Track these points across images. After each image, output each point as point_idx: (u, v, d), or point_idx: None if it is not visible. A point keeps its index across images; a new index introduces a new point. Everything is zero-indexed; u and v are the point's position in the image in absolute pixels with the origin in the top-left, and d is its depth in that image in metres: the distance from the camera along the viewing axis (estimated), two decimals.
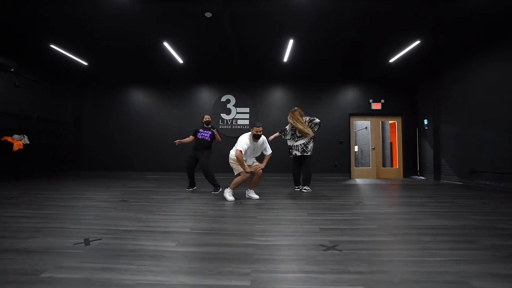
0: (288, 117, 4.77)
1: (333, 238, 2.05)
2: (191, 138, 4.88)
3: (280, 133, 4.89)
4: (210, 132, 4.79)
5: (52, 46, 5.94)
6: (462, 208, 3.26)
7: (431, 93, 7.19)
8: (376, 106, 7.96)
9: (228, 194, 3.79)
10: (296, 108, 4.84)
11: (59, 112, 7.72)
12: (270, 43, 6.01)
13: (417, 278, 1.42)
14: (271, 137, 4.72)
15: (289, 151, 4.81)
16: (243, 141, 3.76)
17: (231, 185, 3.83)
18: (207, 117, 4.88)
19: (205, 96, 8.09)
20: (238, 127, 7.90)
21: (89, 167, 8.08)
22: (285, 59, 6.68)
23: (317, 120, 4.73)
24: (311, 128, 4.64)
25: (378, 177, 7.93)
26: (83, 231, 2.17)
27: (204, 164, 4.55)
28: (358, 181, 6.96)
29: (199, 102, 8.07)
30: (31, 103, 6.86)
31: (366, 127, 11.51)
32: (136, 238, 2.01)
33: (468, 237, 2.11)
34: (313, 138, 4.69)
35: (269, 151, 3.95)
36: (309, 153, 4.63)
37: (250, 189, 4.00)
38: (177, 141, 4.86)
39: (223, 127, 7.89)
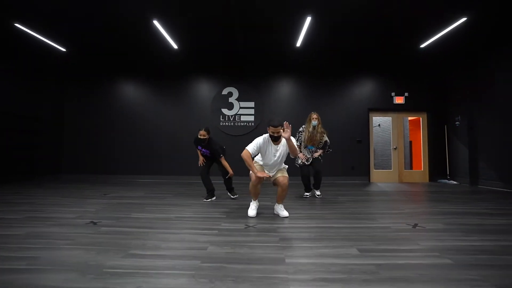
0: (316, 122, 4.19)
1: None
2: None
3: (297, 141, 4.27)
4: (208, 152, 4.02)
5: (17, 25, 4.92)
6: None
7: (467, 84, 6.21)
8: (399, 100, 6.98)
9: (250, 208, 3.06)
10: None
11: (36, 107, 6.68)
12: (282, 23, 5.02)
13: None
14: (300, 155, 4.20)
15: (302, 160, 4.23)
16: (255, 141, 2.94)
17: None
18: (202, 134, 3.85)
19: (204, 88, 7.08)
20: (242, 124, 6.91)
21: (72, 170, 7.08)
22: (299, 43, 5.68)
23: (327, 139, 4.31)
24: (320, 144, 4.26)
25: (400, 181, 6.98)
26: None
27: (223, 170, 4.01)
28: (381, 186, 6.00)
29: (197, 95, 7.06)
30: (4, 97, 5.84)
31: (379, 124, 10.58)
32: None
33: None
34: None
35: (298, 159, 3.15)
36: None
37: (278, 203, 3.06)
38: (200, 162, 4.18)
39: (224, 124, 6.90)
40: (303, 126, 4.29)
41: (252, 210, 3.01)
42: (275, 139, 2.87)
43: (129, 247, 1.96)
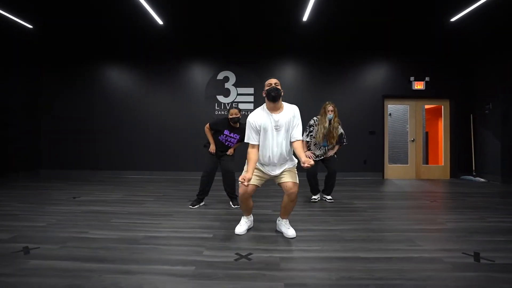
0: (333, 114, 3.40)
1: None
2: (210, 134, 3.27)
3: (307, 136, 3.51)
4: (238, 137, 3.20)
5: None
6: None
7: (503, 66, 5.32)
8: (419, 85, 6.11)
9: (239, 224, 2.33)
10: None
11: (5, 96, 5.88)
12: None
13: None
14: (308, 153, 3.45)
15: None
16: (247, 124, 2.23)
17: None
18: (234, 113, 3.14)
19: (196, 73, 6.23)
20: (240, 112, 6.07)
21: (53, 165, 6.34)
22: (305, 17, 4.79)
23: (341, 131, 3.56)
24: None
25: (418, 178, 6.21)
26: None
27: (227, 162, 3.22)
28: (399, 184, 5.24)
29: (188, 81, 6.22)
30: None
31: (390, 114, 9.72)
32: None
33: None
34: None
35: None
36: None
37: (282, 218, 2.29)
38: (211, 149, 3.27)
39: (220, 112, 6.09)
40: (315, 118, 3.48)
41: (240, 227, 2.29)
42: (273, 98, 2.09)
43: None
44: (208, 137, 3.27)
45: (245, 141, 2.21)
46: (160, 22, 4.99)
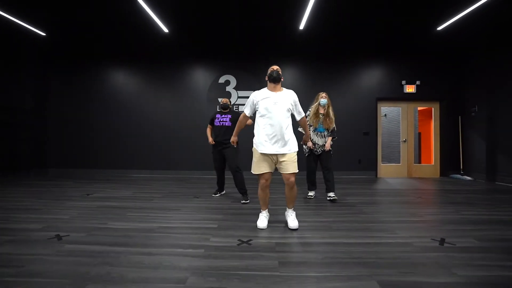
0: (326, 99, 3.60)
1: None
2: (209, 128, 3.95)
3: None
4: (229, 116, 3.67)
5: None
6: None
7: (487, 71, 5.65)
8: (410, 88, 6.44)
9: (260, 220, 2.58)
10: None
11: (16, 97, 6.20)
12: (284, 1, 4.44)
13: None
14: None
15: (310, 148, 3.66)
16: (248, 100, 2.59)
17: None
18: (224, 100, 3.88)
19: (199, 77, 6.55)
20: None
21: (60, 164, 6.67)
22: (302, 25, 5.11)
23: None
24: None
25: (409, 176, 6.54)
26: None
27: (230, 159, 3.58)
28: (391, 182, 5.57)
29: (191, 84, 6.54)
30: None
31: (385, 114, 10.04)
32: None
33: None
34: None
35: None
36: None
37: (288, 207, 2.60)
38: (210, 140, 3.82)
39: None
40: (309, 110, 3.66)
41: (262, 222, 2.53)
42: (275, 79, 2.48)
43: (89, 278, 1.55)
44: (208, 135, 3.85)
45: (243, 109, 2.61)
46: (166, 30, 5.30)
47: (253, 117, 2.68)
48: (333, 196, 3.62)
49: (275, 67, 2.54)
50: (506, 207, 3.37)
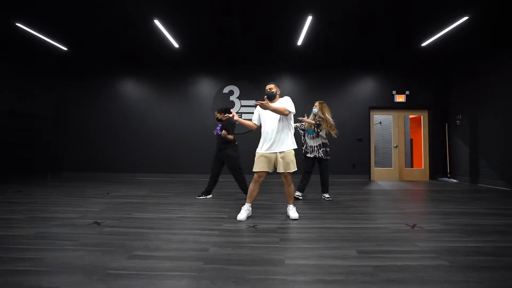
0: (317, 109, 4.07)
1: None
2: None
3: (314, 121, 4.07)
4: (220, 125, 4.09)
5: (18, 25, 4.93)
6: None
7: (470, 82, 6.19)
8: (400, 98, 6.98)
9: (240, 213, 2.92)
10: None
11: (35, 105, 6.71)
12: (283, 21, 4.99)
13: None
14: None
15: (306, 151, 4.10)
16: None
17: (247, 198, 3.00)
18: (216, 114, 4.19)
19: (205, 87, 7.09)
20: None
21: (73, 168, 7.13)
22: (300, 41, 5.66)
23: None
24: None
25: (401, 179, 7.01)
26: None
27: (230, 164, 4.00)
28: (382, 184, 6.03)
29: (198, 94, 7.08)
30: (3, 95, 5.87)
31: (380, 122, 10.56)
32: None
33: None
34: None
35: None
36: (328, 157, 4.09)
37: (288, 204, 3.04)
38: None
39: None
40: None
41: (241, 215, 2.86)
42: (269, 97, 2.93)
43: (133, 248, 2.00)
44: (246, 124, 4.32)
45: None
46: (176, 45, 5.84)
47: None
48: (328, 197, 4.06)
49: (270, 86, 2.96)
50: (478, 203, 3.84)
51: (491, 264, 1.76)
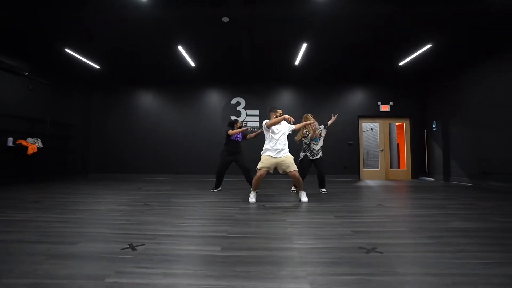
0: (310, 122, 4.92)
1: (369, 240, 2.10)
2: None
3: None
4: (241, 134, 5.11)
5: (67, 50, 5.98)
6: (484, 210, 3.31)
7: (442, 95, 7.26)
8: (385, 108, 8.02)
9: (250, 197, 3.91)
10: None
11: (68, 114, 7.73)
12: (283, 46, 6.05)
13: (467, 280, 1.46)
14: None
15: (307, 155, 4.92)
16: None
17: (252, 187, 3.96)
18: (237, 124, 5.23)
19: (215, 98, 8.14)
20: (248, 129, 7.89)
21: (98, 170, 8.11)
22: (297, 62, 6.73)
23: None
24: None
25: (387, 179, 7.98)
26: (123, 236, 2.20)
27: (244, 160, 5.00)
28: (369, 182, 7.01)
29: (209, 104, 8.12)
30: (43, 107, 6.88)
31: (371, 129, 11.57)
32: (179, 243, 2.05)
33: (503, 239, 2.16)
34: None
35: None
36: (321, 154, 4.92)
37: (299, 191, 3.99)
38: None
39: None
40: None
41: (252, 198, 3.88)
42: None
43: (182, 216, 2.99)
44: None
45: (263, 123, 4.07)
46: (193, 64, 6.90)
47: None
48: (325, 191, 4.93)
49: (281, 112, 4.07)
50: (436, 193, 4.83)
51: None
